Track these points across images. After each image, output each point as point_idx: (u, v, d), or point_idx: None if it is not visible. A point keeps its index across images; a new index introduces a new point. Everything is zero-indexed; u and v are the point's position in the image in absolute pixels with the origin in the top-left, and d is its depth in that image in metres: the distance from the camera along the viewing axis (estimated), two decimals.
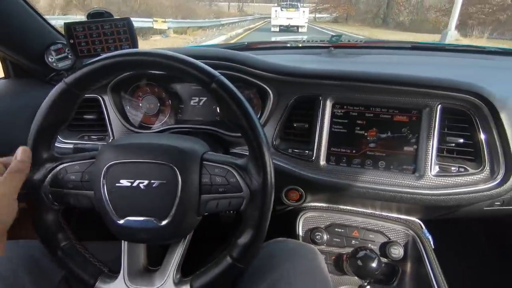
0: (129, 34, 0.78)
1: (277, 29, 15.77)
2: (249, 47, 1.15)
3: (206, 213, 0.47)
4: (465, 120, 0.69)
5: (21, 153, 0.44)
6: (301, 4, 16.27)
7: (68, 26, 0.75)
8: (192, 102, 0.84)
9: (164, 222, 0.45)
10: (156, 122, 0.85)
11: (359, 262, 0.68)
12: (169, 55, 0.43)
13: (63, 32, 0.78)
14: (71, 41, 0.75)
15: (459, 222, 0.98)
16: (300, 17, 15.49)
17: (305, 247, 0.63)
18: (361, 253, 0.69)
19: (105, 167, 0.45)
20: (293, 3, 16.29)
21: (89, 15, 0.79)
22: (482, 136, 0.67)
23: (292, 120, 0.77)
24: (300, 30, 15.48)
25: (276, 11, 15.99)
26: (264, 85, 0.75)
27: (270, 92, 0.76)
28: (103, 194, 0.45)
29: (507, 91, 0.70)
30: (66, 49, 0.87)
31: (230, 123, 0.45)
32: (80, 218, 0.85)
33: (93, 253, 0.52)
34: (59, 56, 0.86)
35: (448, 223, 0.93)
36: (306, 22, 15.57)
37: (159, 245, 0.55)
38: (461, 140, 0.69)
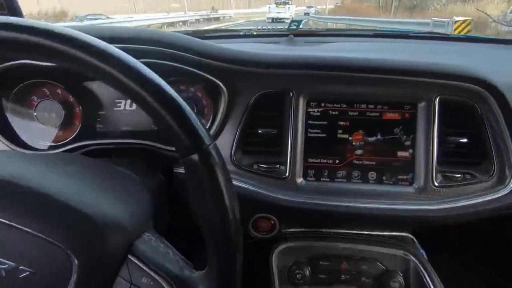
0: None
1: (270, 20, 20.97)
2: (194, 34, 0.93)
3: None
4: (468, 115, 0.56)
5: None
6: (290, 2, 23.78)
7: None
8: (115, 107, 0.60)
9: None
10: (60, 138, 0.59)
11: None
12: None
13: None
14: None
15: (447, 230, 0.88)
16: (286, 11, 21.97)
17: None
18: None
19: None
20: (285, 1, 23.17)
21: None
22: (490, 134, 0.55)
23: (255, 125, 0.59)
24: (286, 21, 20.61)
25: (269, 7, 22.97)
26: (215, 79, 0.55)
27: (224, 88, 0.56)
28: None
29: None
30: None
31: (193, 211, 0.28)
32: None
33: None
34: None
35: (438, 232, 0.82)
36: (290, 15, 20.95)
37: None
38: (465, 140, 0.56)
